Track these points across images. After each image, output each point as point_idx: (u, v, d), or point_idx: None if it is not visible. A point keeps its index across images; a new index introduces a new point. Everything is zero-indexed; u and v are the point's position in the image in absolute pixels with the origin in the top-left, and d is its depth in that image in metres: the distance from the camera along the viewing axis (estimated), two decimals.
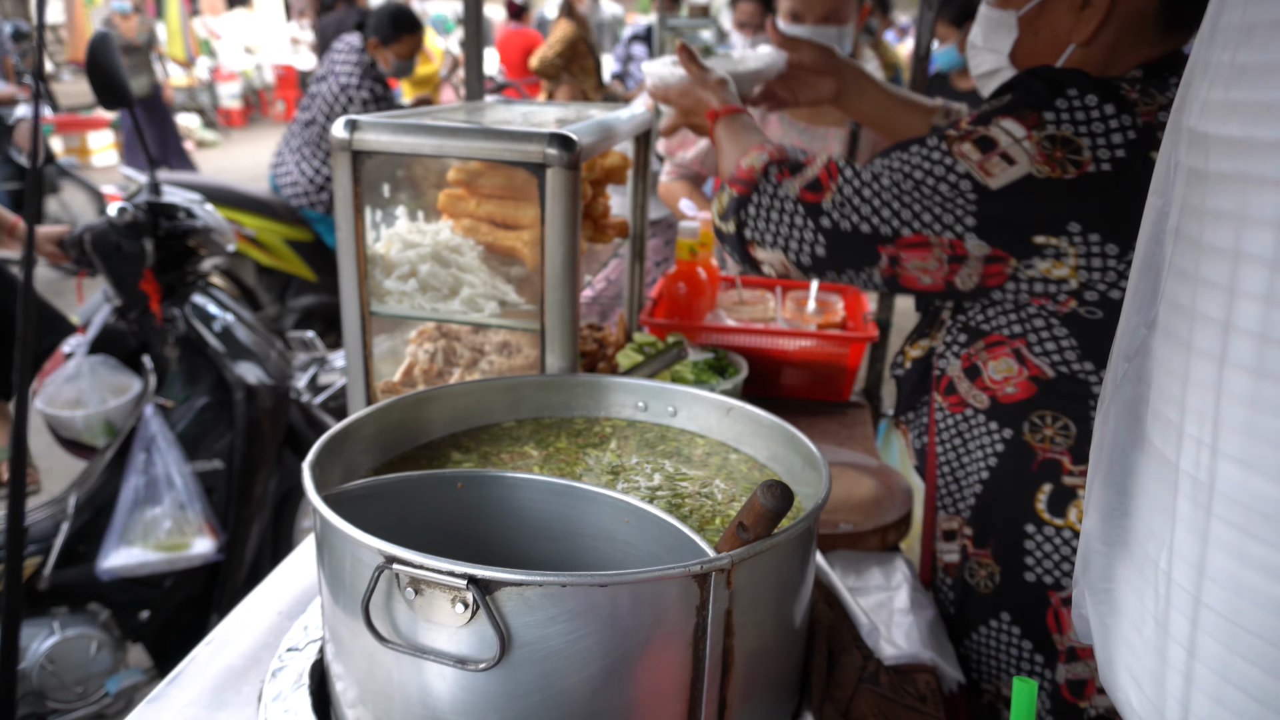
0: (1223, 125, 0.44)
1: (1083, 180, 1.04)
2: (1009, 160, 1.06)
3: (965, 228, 1.08)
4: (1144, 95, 1.07)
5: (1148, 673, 0.50)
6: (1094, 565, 0.57)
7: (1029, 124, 1.07)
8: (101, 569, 2.28)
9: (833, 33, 2.50)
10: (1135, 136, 1.04)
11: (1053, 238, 1.07)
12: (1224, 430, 0.44)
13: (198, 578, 2.45)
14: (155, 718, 0.97)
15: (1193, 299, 0.46)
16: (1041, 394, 1.20)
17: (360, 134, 1.25)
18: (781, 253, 1.20)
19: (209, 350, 2.45)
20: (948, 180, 1.09)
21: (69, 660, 2.28)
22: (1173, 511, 0.47)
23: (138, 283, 2.37)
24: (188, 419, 2.42)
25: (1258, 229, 0.41)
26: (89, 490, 2.41)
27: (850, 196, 1.15)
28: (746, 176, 1.27)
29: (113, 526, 2.31)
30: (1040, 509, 1.23)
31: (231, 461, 2.46)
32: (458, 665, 0.76)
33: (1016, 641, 1.26)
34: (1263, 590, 0.43)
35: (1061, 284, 1.11)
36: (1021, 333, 1.20)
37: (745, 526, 0.80)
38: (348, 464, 1.06)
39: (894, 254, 1.13)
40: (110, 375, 2.46)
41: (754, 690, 0.87)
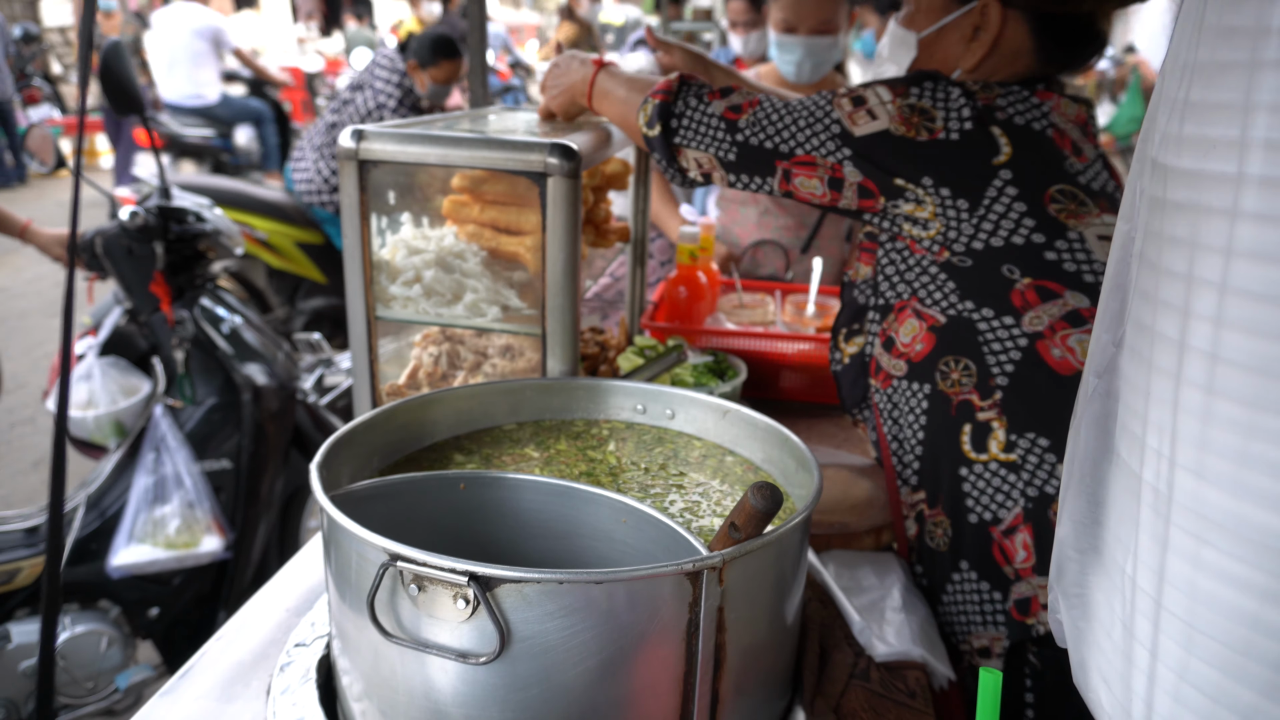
0: (1178, 157, 0.47)
1: (934, 144, 1.27)
2: (872, 116, 1.30)
3: (843, 156, 1.31)
4: (983, 89, 1.31)
5: (1116, 674, 0.53)
6: (1068, 572, 0.60)
7: (896, 92, 1.30)
8: (111, 566, 2.32)
9: (826, 42, 2.52)
10: (978, 114, 1.28)
11: (910, 184, 1.29)
12: (1180, 443, 0.46)
13: (206, 576, 2.49)
14: (167, 711, 1.00)
15: (1153, 319, 0.48)
16: (941, 342, 1.32)
17: (367, 143, 1.29)
18: (708, 152, 1.38)
19: (217, 352, 2.49)
20: (825, 121, 1.32)
21: (80, 656, 2.32)
22: (1137, 520, 0.50)
23: (148, 285, 2.41)
24: (196, 419, 2.46)
25: (1208, 255, 0.44)
26: (99, 489, 2.44)
27: (760, 118, 1.35)
28: (666, 86, 1.40)
29: (122, 525, 2.34)
30: (966, 449, 1.30)
31: (239, 461, 2.49)
32: (459, 659, 0.79)
33: (975, 585, 1.32)
34: (1216, 594, 0.46)
35: (925, 225, 1.30)
36: (912, 291, 1.36)
37: (737, 526, 0.83)
38: (354, 465, 1.09)
39: (787, 169, 1.34)
40: (120, 376, 2.49)
41: (746, 685, 0.90)
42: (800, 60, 2.54)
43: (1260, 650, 0.44)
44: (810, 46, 2.52)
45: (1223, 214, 0.43)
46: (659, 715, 0.84)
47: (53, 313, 6.26)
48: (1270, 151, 0.41)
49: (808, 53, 2.53)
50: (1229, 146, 0.43)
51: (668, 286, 2.05)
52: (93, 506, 2.41)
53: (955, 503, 1.32)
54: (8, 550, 2.31)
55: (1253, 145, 0.41)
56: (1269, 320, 0.42)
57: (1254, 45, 0.42)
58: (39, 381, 5.23)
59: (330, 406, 3.05)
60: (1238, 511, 0.44)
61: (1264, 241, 0.42)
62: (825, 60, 2.57)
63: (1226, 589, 0.45)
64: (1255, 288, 0.42)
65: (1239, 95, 0.42)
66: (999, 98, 1.30)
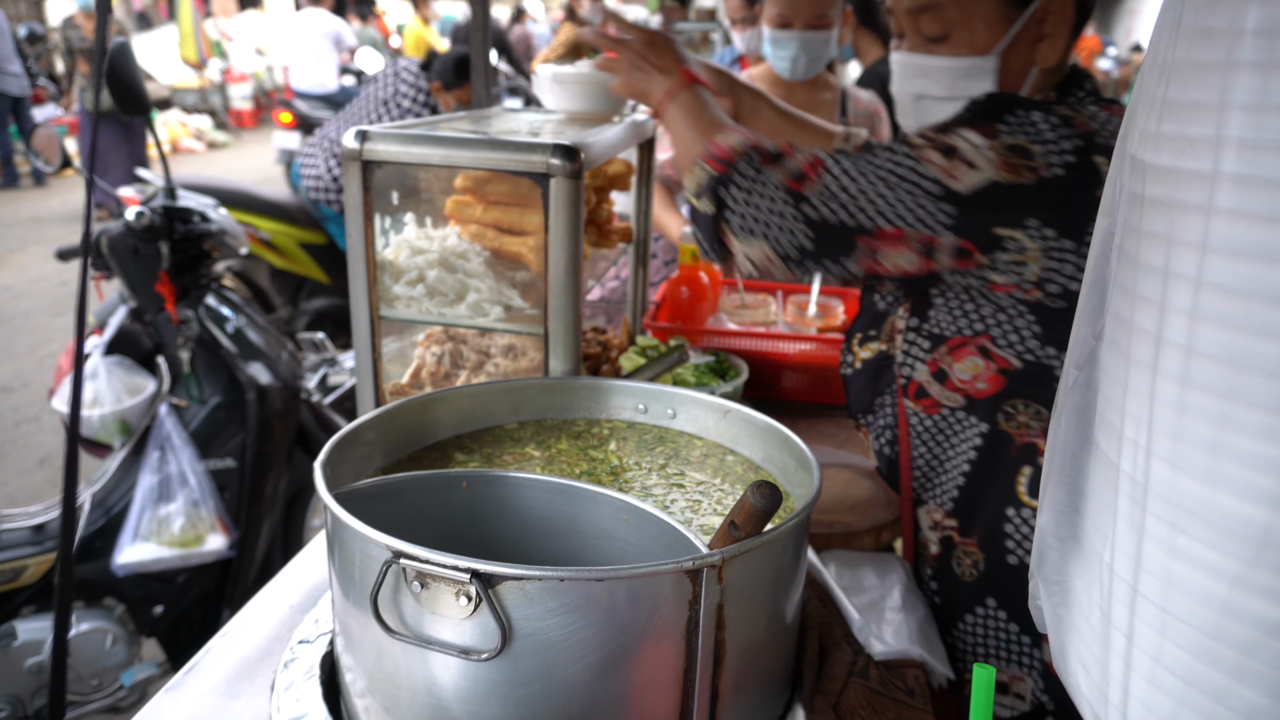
0: (1156, 154, 0.48)
1: (1038, 185, 1.13)
2: (971, 165, 1.14)
3: (939, 224, 1.15)
4: (1074, 110, 1.18)
5: (1094, 659, 0.54)
6: (1048, 559, 0.61)
7: (987, 134, 1.15)
8: (116, 564, 2.34)
9: (821, 37, 2.50)
10: (1081, 144, 1.14)
11: (1012, 231, 1.15)
12: (1156, 434, 0.48)
13: (210, 574, 2.50)
14: (173, 706, 1.02)
15: (1131, 313, 0.49)
16: (1012, 385, 1.26)
17: (370, 144, 1.30)
18: (765, 243, 1.22)
19: (222, 351, 2.51)
20: (919, 183, 1.15)
21: (85, 654, 2.34)
22: (1114, 509, 0.51)
23: (153, 285, 2.42)
24: (201, 418, 2.48)
25: (1184, 250, 0.45)
26: (104, 488, 2.46)
27: (832, 187, 1.19)
28: (725, 156, 1.25)
29: (127, 523, 2.36)
30: (1021, 492, 1.27)
31: (243, 460, 2.51)
32: (461, 655, 0.79)
33: (1004, 625, 1.30)
34: (1189, 580, 0.47)
35: (1024, 268, 1.18)
36: (984, 329, 1.26)
37: (736, 525, 0.84)
38: (357, 463, 1.10)
39: (872, 246, 1.18)
40: (126, 375, 2.51)
41: (746, 682, 0.91)
42: (795, 56, 2.52)
43: (1230, 634, 0.45)
44: (805, 42, 2.49)
45: (1198, 210, 0.44)
46: (659, 712, 0.85)
47: (56, 311, 6.29)
48: (1244, 150, 0.42)
49: (802, 48, 2.50)
50: (1205, 144, 0.44)
51: (670, 287, 2.06)
52: (98, 505, 2.43)
53: (994, 540, 1.29)
54: (14, 548, 2.33)
55: (1228, 144, 0.42)
56: (1242, 314, 0.43)
57: (1229, 46, 0.43)
58: (44, 380, 5.26)
59: (334, 406, 3.06)
60: (1211, 500, 0.45)
61: (1238, 237, 0.43)
62: (819, 56, 2.55)
63: (1199, 575, 0.46)
64: (1229, 282, 0.43)
65: (1215, 95, 0.43)
66: (1089, 120, 1.16)
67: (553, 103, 1.72)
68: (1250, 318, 0.42)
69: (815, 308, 2.13)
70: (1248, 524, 0.43)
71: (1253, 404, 0.42)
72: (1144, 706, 0.50)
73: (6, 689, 2.28)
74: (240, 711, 1.01)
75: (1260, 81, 0.40)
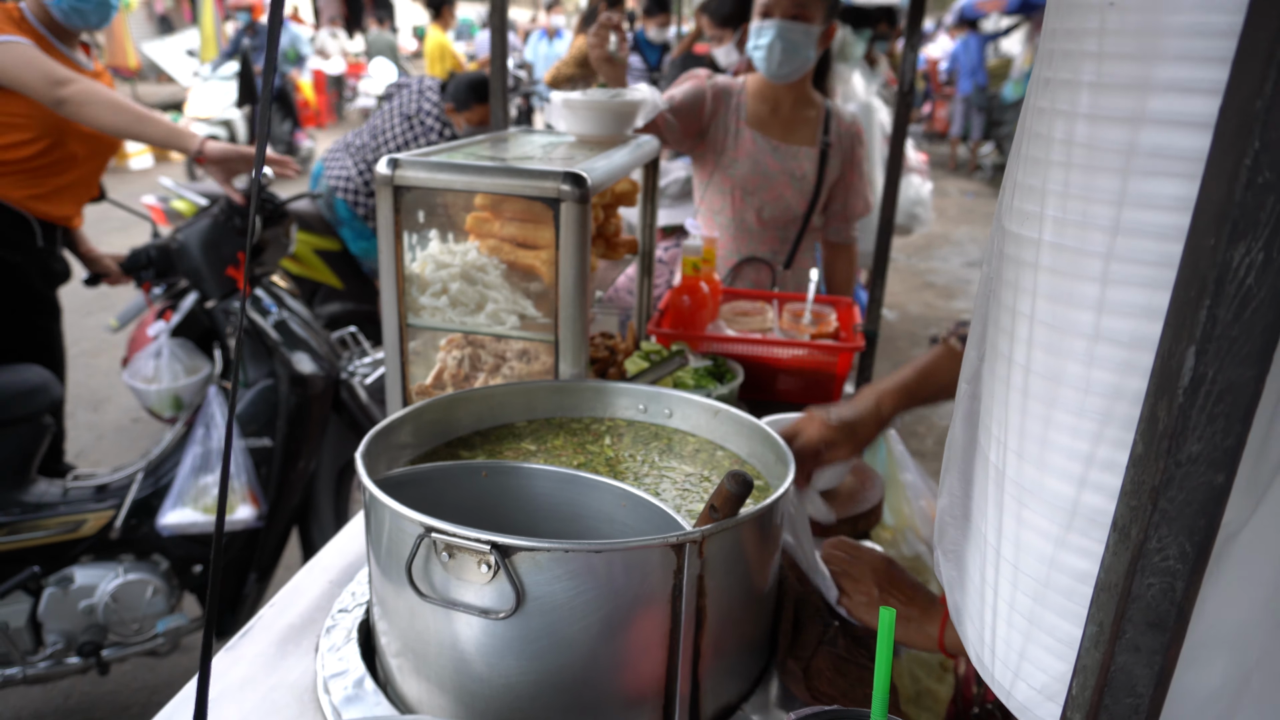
0: (1010, 222, 0.62)
1: None
2: None
3: None
4: None
5: (975, 611, 0.68)
6: (947, 534, 0.75)
7: None
8: (160, 524, 2.60)
9: (799, 28, 2.50)
10: None
11: None
12: (1009, 433, 0.62)
13: (242, 540, 2.75)
14: (233, 664, 1.17)
15: (996, 340, 0.64)
16: None
17: (401, 171, 1.45)
18: None
19: (267, 340, 2.72)
20: None
21: (129, 600, 2.61)
22: (986, 492, 0.66)
23: (224, 271, 2.66)
24: (246, 400, 2.72)
25: (1023, 294, 0.60)
26: (160, 455, 2.75)
27: None
28: None
29: (173, 489, 2.63)
30: None
31: (277, 440, 2.73)
32: (482, 615, 0.94)
33: None
34: (1030, 543, 0.61)
35: None
36: None
37: (715, 508, 0.99)
38: (390, 454, 1.25)
39: None
40: (186, 357, 2.82)
41: (725, 645, 1.05)
42: (771, 43, 2.52)
43: (1057, 583, 0.60)
44: (783, 29, 2.49)
45: (1030, 265, 0.59)
46: (649, 665, 0.99)
47: (87, 311, 6.49)
48: (1055, 224, 0.56)
49: (779, 35, 2.50)
50: (1034, 218, 0.58)
51: (673, 295, 2.20)
52: (151, 472, 2.70)
53: None
54: (78, 503, 2.61)
55: (1046, 219, 0.57)
56: (1057, 343, 0.57)
57: (1047, 147, 0.57)
58: (76, 377, 5.45)
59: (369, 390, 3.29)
60: (1042, 481, 0.59)
61: (1052, 286, 0.57)
62: (797, 48, 2.54)
63: (1037, 539, 0.60)
64: (1048, 319, 0.58)
65: (1040, 182, 0.58)
66: None
67: (564, 126, 1.87)
68: (1061, 345, 0.56)
69: (810, 315, 2.27)
70: (1064, 499, 0.58)
71: (1065, 409, 0.57)
72: (1005, 644, 0.64)
73: (61, 625, 2.56)
74: (290, 668, 1.16)
75: (1063, 174, 0.55)
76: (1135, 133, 0.50)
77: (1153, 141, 0.49)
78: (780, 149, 2.70)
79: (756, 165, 2.68)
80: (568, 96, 1.83)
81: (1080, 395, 0.56)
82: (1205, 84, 0.46)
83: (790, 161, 2.69)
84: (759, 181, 2.69)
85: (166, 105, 14.78)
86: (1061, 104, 0.55)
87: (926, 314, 7.32)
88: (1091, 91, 0.52)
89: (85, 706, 2.89)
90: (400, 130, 4.68)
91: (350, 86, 17.05)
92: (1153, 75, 0.48)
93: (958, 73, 13.45)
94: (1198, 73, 0.47)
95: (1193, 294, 0.43)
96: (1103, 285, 0.54)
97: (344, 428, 3.01)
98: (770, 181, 2.69)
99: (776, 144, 2.69)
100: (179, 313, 2.77)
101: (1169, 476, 0.46)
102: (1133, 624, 0.50)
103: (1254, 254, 0.40)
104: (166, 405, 2.78)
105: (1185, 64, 0.47)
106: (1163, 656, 0.50)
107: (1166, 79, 0.48)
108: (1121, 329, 0.54)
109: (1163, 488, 0.46)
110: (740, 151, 2.68)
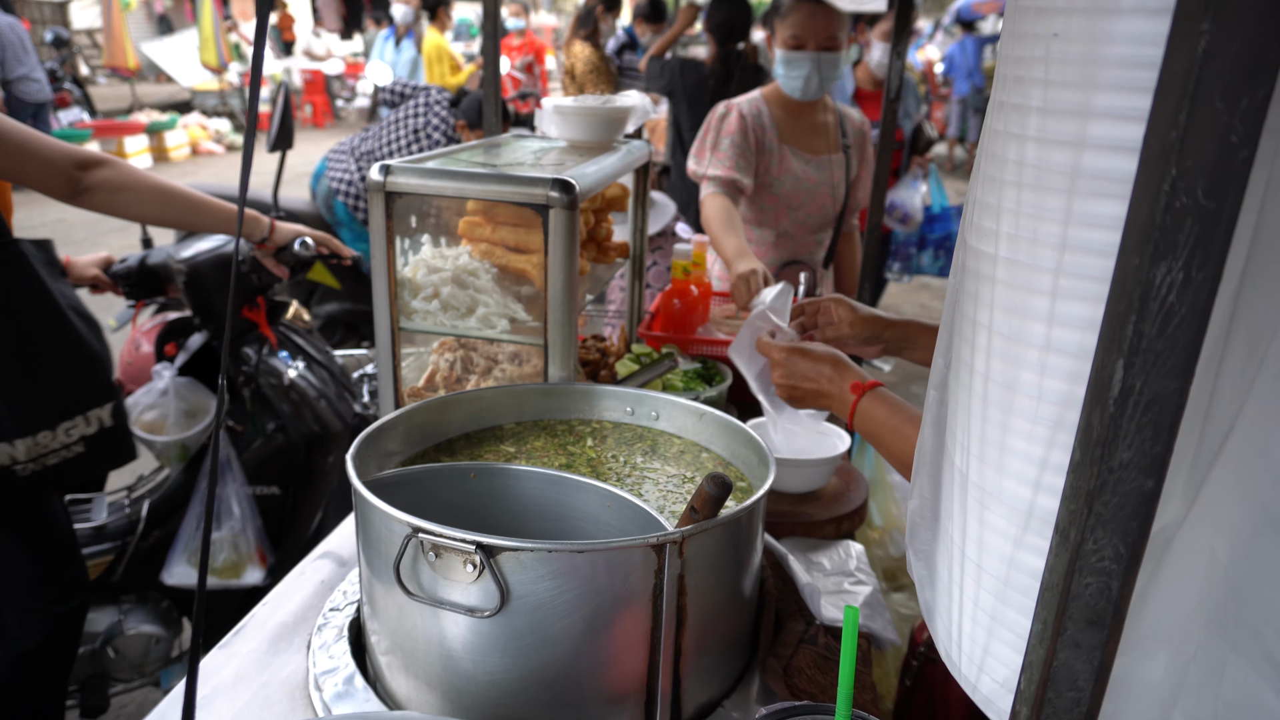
0: (970, 237, 0.65)
1: None
2: None
3: None
4: None
5: (944, 607, 0.71)
6: (919, 534, 0.78)
7: None
8: (166, 581, 2.50)
9: (832, 58, 2.64)
10: None
11: None
12: (972, 438, 0.65)
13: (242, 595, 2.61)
14: (225, 660, 1.20)
15: (959, 349, 0.67)
16: None
17: (393, 177, 1.48)
18: None
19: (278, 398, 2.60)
20: None
21: (130, 651, 2.52)
22: (952, 494, 0.68)
23: (240, 311, 2.52)
24: (255, 445, 2.59)
25: (982, 306, 0.63)
26: (161, 498, 2.60)
27: None
28: None
29: (178, 543, 2.51)
30: None
31: (288, 490, 2.63)
32: (468, 613, 0.97)
33: None
34: (991, 544, 0.64)
35: None
36: None
37: (696, 509, 1.01)
38: (381, 457, 1.28)
39: None
40: (192, 396, 2.60)
41: (706, 643, 1.08)
42: (808, 75, 2.66)
43: (1016, 582, 0.63)
44: (818, 62, 2.64)
45: (988, 279, 0.62)
46: (631, 663, 1.02)
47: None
48: (1009, 240, 0.59)
49: (815, 68, 2.64)
50: (991, 235, 0.61)
51: (663, 299, 2.23)
52: (154, 513, 2.58)
53: None
54: None
55: (1001, 236, 0.60)
56: (1012, 353, 0.60)
57: (1001, 168, 0.60)
58: None
59: None
60: (1001, 484, 0.62)
61: (1008, 299, 0.60)
62: (830, 77, 2.69)
63: (997, 539, 0.63)
64: (1004, 330, 0.60)
65: (995, 199, 0.60)
66: None
67: (555, 132, 1.90)
68: (1017, 355, 0.59)
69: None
70: (1021, 501, 0.61)
71: (1021, 416, 0.60)
72: (970, 640, 0.67)
73: None
74: (281, 665, 1.19)
75: (1016, 193, 0.58)
76: (1078, 156, 0.53)
77: (1094, 165, 0.52)
78: (813, 161, 2.80)
79: (798, 181, 2.79)
80: (559, 103, 1.86)
81: (1034, 403, 0.58)
82: (1138, 112, 0.49)
83: (825, 172, 2.80)
84: (803, 196, 2.80)
85: (166, 105, 14.81)
86: (1013, 127, 0.58)
87: (922, 315, 7.33)
88: (1039, 116, 0.55)
89: None
90: (406, 143, 4.72)
91: (349, 87, 17.08)
92: (1093, 102, 0.51)
93: (954, 74, 13.49)
94: (1132, 101, 0.49)
95: (1121, 310, 0.45)
96: (1053, 299, 0.57)
97: None
98: (813, 194, 2.81)
99: (810, 157, 2.80)
100: (185, 351, 2.60)
101: (1103, 482, 0.48)
102: (1073, 621, 0.52)
103: (1174, 273, 0.43)
104: (173, 457, 2.62)
105: (1121, 93, 0.50)
106: (1101, 652, 0.53)
107: (1105, 106, 0.51)
108: (1070, 340, 0.56)
109: (1097, 492, 0.49)
110: (783, 169, 2.77)
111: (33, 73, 9.61)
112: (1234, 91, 0.39)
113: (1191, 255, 0.43)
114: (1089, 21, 0.50)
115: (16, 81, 9.40)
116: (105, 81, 17.35)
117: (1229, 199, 0.41)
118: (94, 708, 2.47)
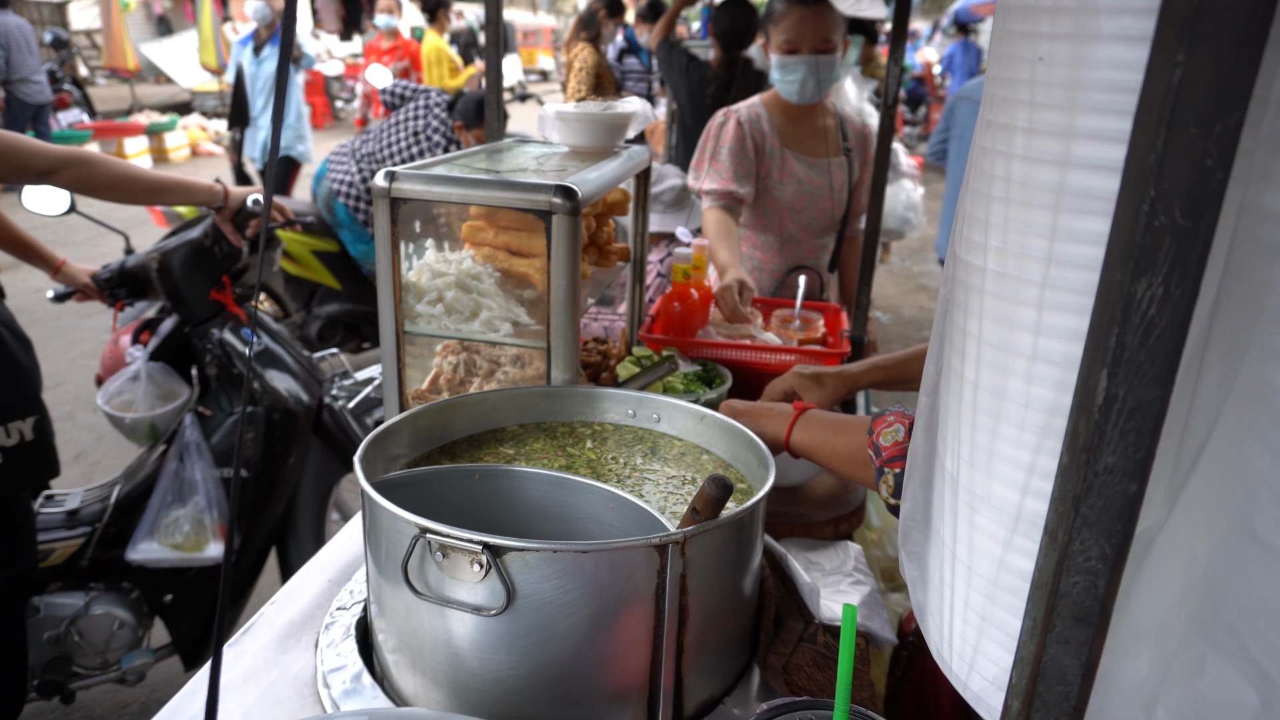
0: (961, 250, 0.68)
1: None
2: None
3: None
4: None
5: (935, 608, 0.74)
6: (911, 537, 0.80)
7: None
8: (129, 557, 2.54)
9: (827, 61, 2.66)
10: None
11: None
12: (962, 444, 0.67)
13: (214, 572, 2.69)
14: (235, 658, 1.22)
15: (949, 357, 0.69)
16: None
17: (398, 184, 1.50)
18: None
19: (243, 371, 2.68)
20: None
21: (94, 635, 2.56)
22: (943, 497, 0.71)
23: (208, 294, 2.62)
24: (224, 428, 2.65)
25: (971, 316, 0.65)
26: (133, 483, 2.67)
27: None
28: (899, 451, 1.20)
29: (143, 521, 2.56)
30: None
31: (254, 471, 2.69)
32: (474, 612, 0.99)
33: None
34: (981, 546, 0.66)
35: None
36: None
37: (697, 510, 1.04)
38: (387, 459, 1.30)
39: None
40: (164, 381, 2.69)
41: (708, 642, 1.10)
42: (804, 79, 2.67)
43: (1005, 582, 0.65)
44: (814, 65, 2.65)
45: (977, 290, 0.64)
46: (634, 661, 1.04)
47: (86, 313, 6.53)
48: (997, 253, 0.62)
49: (810, 71, 2.66)
50: (979, 248, 0.64)
51: (664, 302, 2.25)
52: (124, 498, 2.64)
53: None
54: (47, 531, 2.55)
55: (990, 249, 0.62)
56: (1000, 362, 0.62)
57: (989, 184, 0.63)
58: (76, 379, 5.50)
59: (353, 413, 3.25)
60: (990, 488, 0.64)
61: (996, 310, 0.63)
62: (826, 80, 2.70)
63: (987, 541, 0.66)
64: (992, 340, 0.63)
65: (984, 214, 0.63)
66: None
67: (557, 138, 1.92)
68: (1005, 364, 0.62)
69: (799, 321, 2.32)
70: (1010, 504, 0.63)
71: (1009, 422, 0.62)
72: (961, 639, 0.69)
73: None
74: (290, 663, 1.21)
75: (1004, 209, 0.60)
76: (1063, 174, 0.55)
77: (1078, 183, 0.55)
78: (815, 165, 2.81)
79: (801, 186, 2.80)
80: (560, 109, 1.88)
81: (1022, 410, 0.61)
82: (1120, 134, 0.51)
83: (826, 175, 2.82)
84: (805, 200, 2.82)
85: (166, 106, 14.82)
86: (1000, 145, 0.60)
87: (920, 317, 7.38)
88: (1025, 135, 0.57)
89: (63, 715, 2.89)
90: (406, 145, 4.74)
91: (348, 88, 17.10)
92: (1076, 124, 0.54)
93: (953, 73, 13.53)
94: (1114, 124, 0.52)
95: (1104, 322, 0.48)
96: (1039, 310, 0.59)
97: (325, 451, 2.95)
98: (816, 199, 2.82)
99: (811, 161, 2.81)
100: (157, 336, 2.69)
101: (1088, 485, 0.51)
102: (1061, 618, 0.55)
103: (1154, 288, 0.45)
104: (142, 435, 2.68)
105: (1103, 115, 0.52)
106: (1089, 648, 0.55)
107: (1088, 128, 0.53)
108: (1056, 350, 0.59)
109: (1083, 495, 0.51)
110: (785, 174, 2.78)
111: (34, 75, 9.64)
112: (1208, 118, 0.42)
113: (1170, 271, 0.45)
114: (1072, 47, 0.53)
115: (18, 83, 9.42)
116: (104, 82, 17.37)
117: (1205, 219, 0.44)
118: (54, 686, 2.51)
